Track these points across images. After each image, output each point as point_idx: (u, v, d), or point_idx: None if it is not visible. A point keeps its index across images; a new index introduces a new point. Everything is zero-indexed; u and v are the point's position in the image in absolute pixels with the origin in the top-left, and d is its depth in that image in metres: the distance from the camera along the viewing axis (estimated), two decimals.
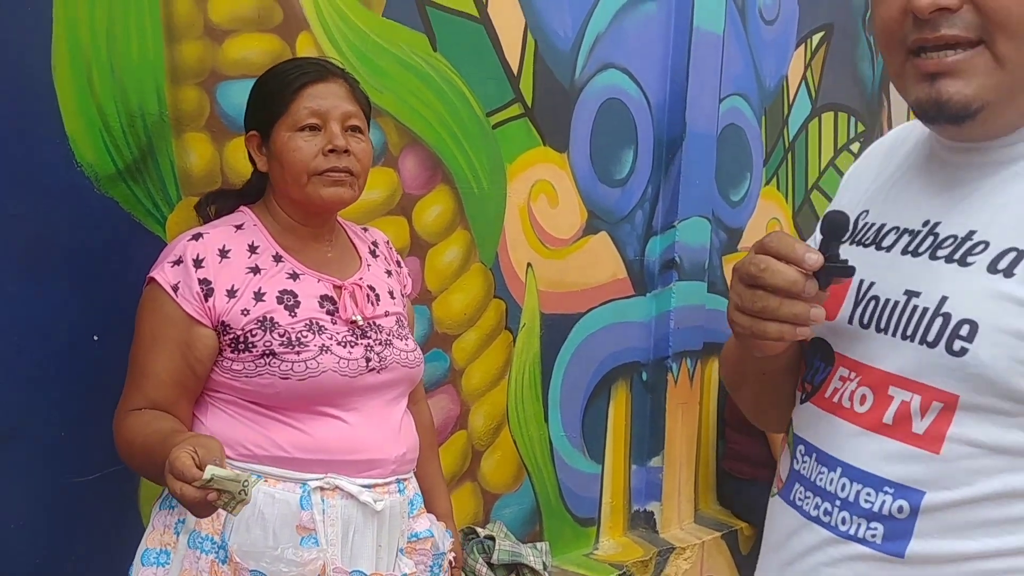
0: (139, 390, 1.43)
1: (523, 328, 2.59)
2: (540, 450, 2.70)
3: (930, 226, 0.94)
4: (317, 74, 1.50)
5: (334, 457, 1.44)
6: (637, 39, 2.86)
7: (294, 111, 1.47)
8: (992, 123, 0.89)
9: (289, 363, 1.42)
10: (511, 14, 2.45)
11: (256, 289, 1.45)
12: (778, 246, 0.89)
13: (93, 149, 1.65)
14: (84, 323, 1.65)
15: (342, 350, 1.46)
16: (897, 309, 0.92)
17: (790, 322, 0.89)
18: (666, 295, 3.02)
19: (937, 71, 0.86)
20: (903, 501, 0.89)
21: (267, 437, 1.43)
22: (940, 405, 0.87)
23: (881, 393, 0.92)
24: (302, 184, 1.48)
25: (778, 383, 1.08)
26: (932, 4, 0.84)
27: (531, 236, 2.59)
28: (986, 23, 0.84)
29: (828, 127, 3.86)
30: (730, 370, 1.17)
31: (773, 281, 0.88)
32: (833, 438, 0.96)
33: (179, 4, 1.76)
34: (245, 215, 1.54)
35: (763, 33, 3.41)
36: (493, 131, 2.44)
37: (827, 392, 0.98)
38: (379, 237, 1.73)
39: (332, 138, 1.47)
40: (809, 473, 0.98)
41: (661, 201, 3.02)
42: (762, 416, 1.19)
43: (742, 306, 0.91)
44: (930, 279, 0.90)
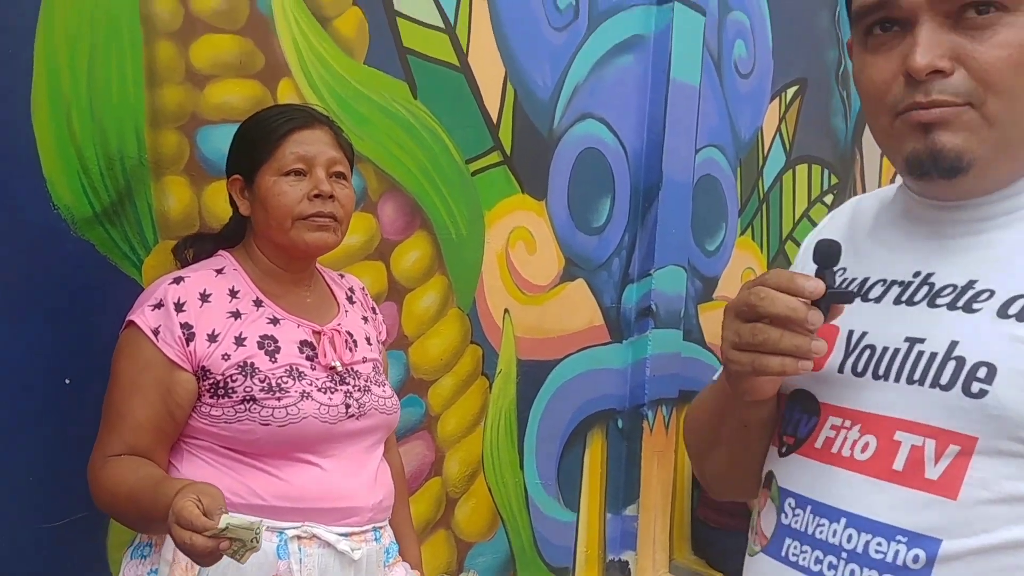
0: (117, 435, 1.41)
1: (499, 374, 2.59)
2: (515, 498, 2.69)
3: (922, 276, 0.94)
4: (303, 120, 1.52)
5: (312, 505, 1.43)
6: (615, 90, 2.90)
7: (280, 156, 1.48)
8: (982, 179, 0.90)
9: (270, 409, 1.41)
10: (491, 64, 2.49)
11: (237, 334, 1.44)
12: (776, 279, 0.89)
13: (71, 191, 1.64)
14: (57, 366, 1.63)
15: (323, 396, 1.46)
16: (899, 356, 0.91)
17: (792, 355, 0.88)
18: (642, 342, 3.03)
19: (931, 121, 0.87)
20: (919, 550, 0.85)
21: (244, 484, 1.41)
22: (957, 448, 0.85)
23: (886, 439, 0.89)
24: (286, 228, 1.48)
25: (756, 439, 1.06)
26: (929, 66, 0.85)
27: (509, 282, 2.60)
28: (977, 85, 0.86)
29: (802, 179, 3.92)
30: (704, 431, 1.13)
31: (774, 310, 0.87)
32: (833, 488, 0.92)
33: (161, 49, 1.77)
34: (225, 259, 1.54)
35: (738, 86, 3.47)
36: (472, 178, 2.46)
37: (817, 442, 0.96)
38: (355, 283, 1.73)
39: (318, 183, 1.48)
40: (804, 527, 0.94)
41: (638, 249, 3.05)
42: (731, 483, 1.15)
43: (740, 343, 0.90)
44: (933, 325, 0.90)
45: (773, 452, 1.03)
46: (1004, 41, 0.84)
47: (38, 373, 1.61)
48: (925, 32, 0.86)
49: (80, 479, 1.44)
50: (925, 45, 0.85)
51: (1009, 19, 0.85)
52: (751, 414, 1.02)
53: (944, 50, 0.86)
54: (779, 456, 1.01)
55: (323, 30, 2.07)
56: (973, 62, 0.85)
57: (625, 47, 2.93)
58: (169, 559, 1.37)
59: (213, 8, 1.85)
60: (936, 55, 0.85)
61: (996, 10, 0.85)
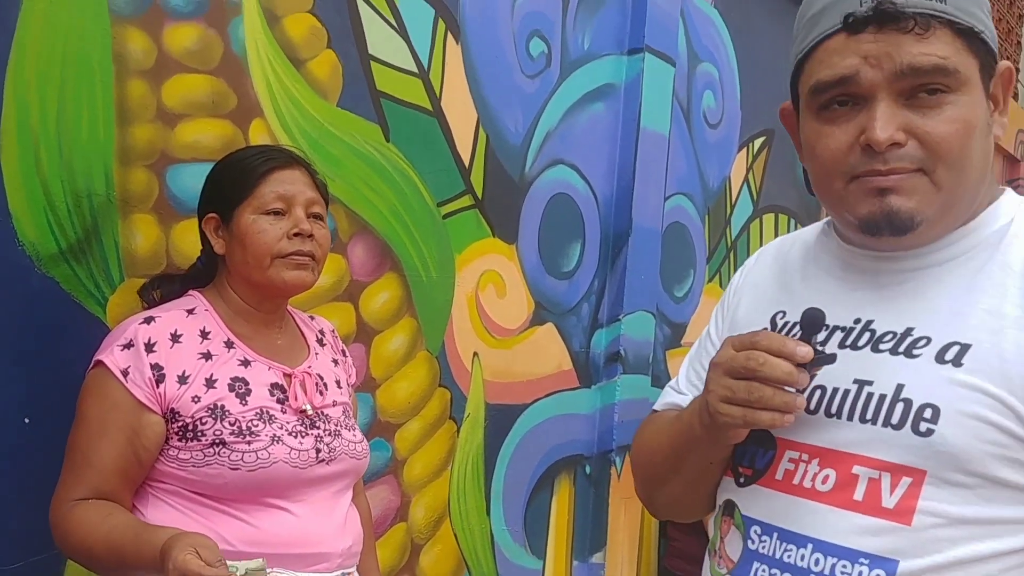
0: (81, 479, 1.38)
1: (467, 418, 2.57)
2: (481, 544, 2.66)
3: (863, 323, 1.04)
4: (283, 160, 1.53)
5: (281, 551, 1.41)
6: (586, 137, 2.93)
7: (260, 194, 1.49)
8: (926, 236, 1.01)
9: (240, 453, 1.39)
10: (464, 108, 2.51)
11: (208, 375, 1.42)
12: (769, 343, 0.98)
13: (36, 228, 1.62)
14: (15, 404, 1.60)
15: (293, 440, 1.44)
16: (849, 396, 1.01)
17: (780, 410, 0.98)
18: (611, 388, 3.03)
19: (887, 187, 0.97)
20: (880, 571, 0.95)
21: (212, 530, 1.38)
22: (909, 480, 0.95)
23: (844, 472, 0.99)
24: (264, 267, 1.48)
25: (717, 471, 1.14)
26: (889, 139, 0.95)
27: (478, 325, 2.60)
28: (928, 155, 0.96)
29: (769, 228, 3.97)
30: (662, 463, 1.19)
31: (773, 374, 0.97)
32: (798, 517, 1.02)
33: (133, 87, 1.77)
34: (196, 299, 1.52)
35: (707, 136, 3.53)
36: (443, 221, 2.46)
37: (778, 475, 1.05)
38: (325, 326, 1.73)
39: (298, 222, 1.49)
40: (772, 552, 1.03)
41: (607, 294, 3.06)
42: (683, 508, 1.23)
43: (733, 398, 0.99)
44: (879, 369, 1.00)
45: (729, 482, 1.12)
46: (951, 117, 0.96)
47: None
48: (883, 108, 0.96)
49: (37, 521, 1.41)
50: (884, 120, 0.96)
51: (953, 98, 0.96)
52: (718, 453, 1.11)
53: (899, 124, 0.96)
54: (738, 486, 1.10)
55: (296, 72, 2.08)
56: (926, 135, 0.96)
57: (596, 95, 2.97)
58: None
59: (186, 47, 1.85)
60: (893, 129, 0.96)
61: (943, 91, 0.96)
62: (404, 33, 2.33)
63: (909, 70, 0.95)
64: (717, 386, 1.01)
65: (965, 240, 1.02)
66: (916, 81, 0.96)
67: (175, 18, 1.84)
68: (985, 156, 1.01)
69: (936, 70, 0.95)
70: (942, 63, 0.95)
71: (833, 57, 0.99)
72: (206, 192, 1.58)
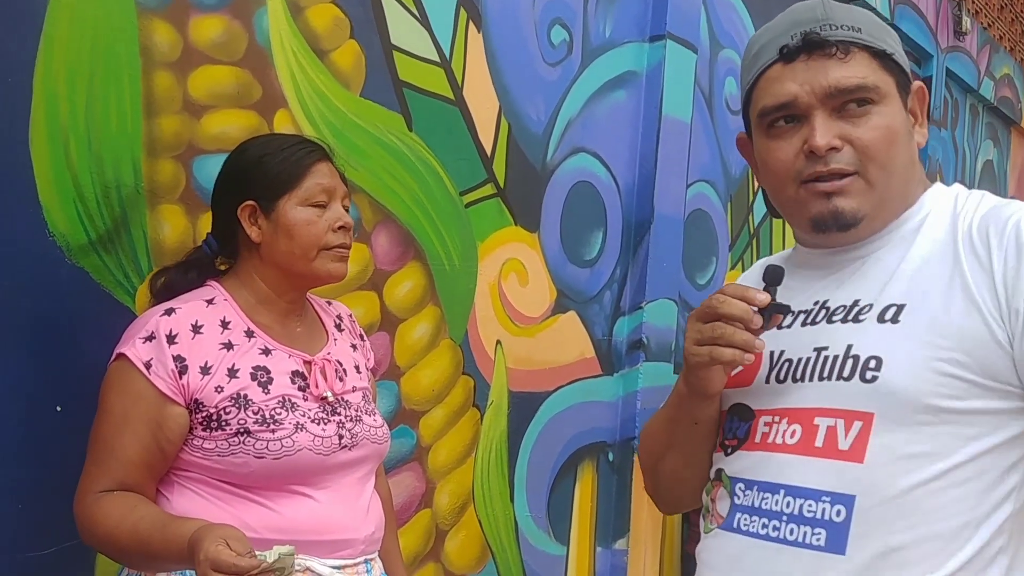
0: (105, 471, 1.39)
1: (491, 406, 2.59)
2: (505, 530, 2.67)
3: (820, 303, 1.21)
4: (321, 152, 1.56)
5: (305, 537, 1.41)
6: (607, 125, 2.93)
7: (307, 186, 1.51)
8: (866, 229, 1.17)
9: (264, 441, 1.40)
10: (486, 97, 2.51)
11: (230, 365, 1.43)
12: (732, 290, 1.15)
13: (66, 219, 1.65)
14: (47, 393, 1.63)
15: (316, 427, 1.45)
16: (810, 362, 1.16)
17: (740, 348, 1.11)
18: (633, 375, 3.04)
19: (832, 191, 1.15)
20: (840, 506, 1.08)
21: (237, 517, 1.39)
22: (860, 423, 1.09)
23: (807, 425, 1.13)
24: (311, 258, 1.50)
25: (704, 437, 1.27)
26: (827, 144, 1.13)
27: (501, 314, 2.61)
28: (860, 157, 1.13)
29: None
30: (659, 437, 1.33)
31: (730, 311, 1.12)
32: (771, 469, 1.15)
33: (159, 79, 1.79)
34: (215, 289, 1.53)
35: (729, 123, 3.51)
36: (466, 210, 2.47)
37: (756, 439, 1.19)
38: (343, 311, 1.73)
39: (341, 216, 1.53)
40: (752, 502, 1.16)
41: (629, 282, 3.06)
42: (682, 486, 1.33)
43: (700, 339, 1.14)
44: (832, 336, 1.15)
45: (719, 457, 1.25)
46: (876, 125, 1.14)
47: (29, 399, 1.61)
48: (819, 121, 1.14)
49: (69, 507, 1.43)
50: (822, 130, 1.13)
51: (877, 109, 1.14)
52: (702, 411, 1.24)
53: (835, 133, 1.13)
54: (726, 456, 1.23)
55: (320, 62, 2.09)
56: (857, 141, 1.13)
57: (618, 83, 2.97)
58: None
59: (212, 39, 1.87)
60: (831, 136, 1.13)
61: (868, 103, 1.14)
62: (426, 23, 2.34)
63: (835, 90, 1.13)
64: (690, 331, 1.17)
65: (900, 229, 1.18)
66: (843, 98, 1.13)
67: (200, 10, 1.85)
68: (909, 158, 1.18)
69: (858, 88, 1.13)
70: (862, 81, 1.13)
71: (774, 85, 1.18)
72: (238, 179, 1.55)
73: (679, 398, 1.26)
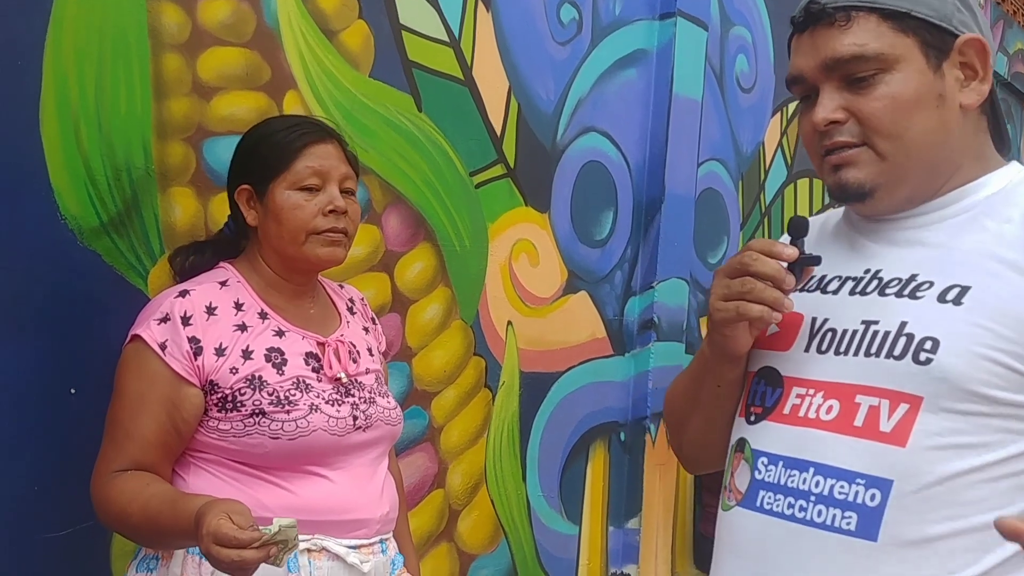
0: (122, 451, 1.40)
1: (502, 386, 2.59)
2: (517, 510, 2.68)
3: (872, 272, 1.14)
4: (318, 134, 1.52)
5: (321, 518, 1.42)
6: (618, 104, 2.91)
7: (296, 169, 1.48)
8: (889, 201, 1.12)
9: (279, 422, 1.40)
10: (495, 77, 2.50)
11: (244, 347, 1.44)
12: (760, 245, 1.11)
13: (78, 202, 1.65)
14: (62, 376, 1.64)
15: (331, 408, 1.46)
16: (857, 336, 1.10)
17: (770, 305, 1.08)
18: (645, 355, 3.04)
19: (838, 163, 1.12)
20: (875, 490, 1.02)
21: (253, 497, 1.39)
22: (907, 406, 1.03)
23: (847, 402, 1.07)
24: (299, 242, 1.48)
25: (728, 399, 1.23)
26: (824, 120, 1.10)
27: (512, 294, 2.61)
28: (864, 129, 1.10)
29: (803, 193, 3.93)
30: (684, 397, 1.30)
31: (764, 269, 1.09)
32: (802, 445, 1.09)
33: (168, 61, 1.78)
34: (228, 271, 1.54)
35: (740, 101, 3.49)
36: (476, 190, 2.47)
37: (785, 409, 1.13)
38: (355, 294, 1.73)
39: (333, 199, 1.49)
40: (777, 479, 1.10)
41: (640, 262, 3.05)
42: (706, 448, 1.29)
43: (728, 294, 1.11)
44: (884, 310, 1.09)
45: (741, 422, 1.20)
46: (879, 95, 1.08)
47: (43, 382, 1.62)
48: (823, 95, 1.11)
49: (85, 488, 1.44)
50: (821, 105, 1.11)
51: (885, 78, 1.08)
52: (725, 373, 1.20)
53: (837, 106, 1.10)
54: (748, 424, 1.18)
55: (329, 43, 2.08)
56: (859, 112, 1.09)
57: (628, 61, 2.95)
58: (177, 572, 1.37)
59: (220, 21, 1.86)
60: (829, 111, 1.10)
61: (874, 72, 1.08)
62: (435, 2, 2.32)
63: (832, 62, 1.10)
64: (716, 287, 1.14)
65: (963, 201, 1.12)
66: (844, 70, 1.09)
67: None
68: (936, 124, 1.09)
69: (855, 58, 1.08)
70: (860, 51, 1.08)
71: (792, 58, 1.16)
72: (239, 162, 1.58)
73: (703, 359, 1.23)
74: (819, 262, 1.13)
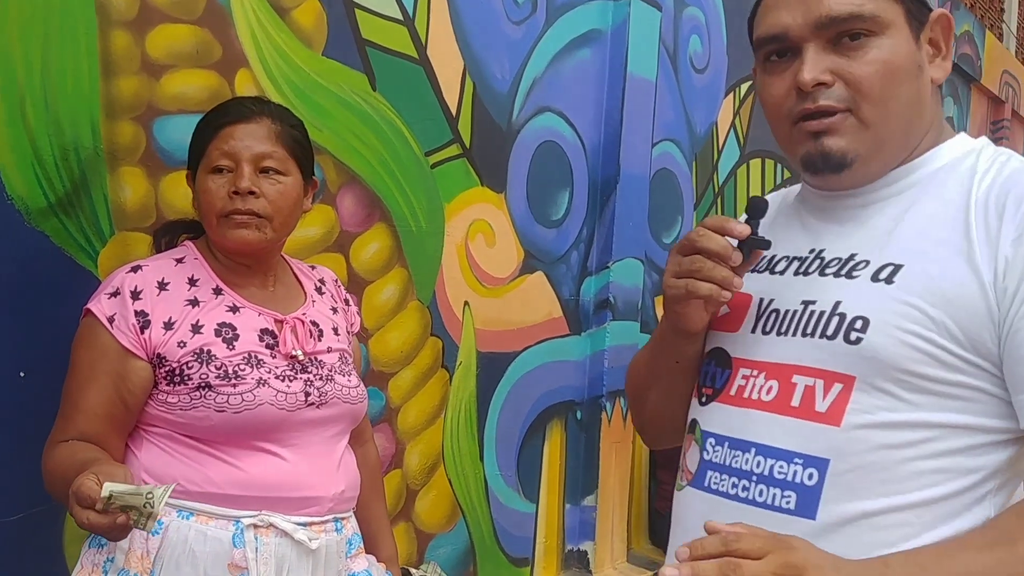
0: (70, 422, 1.41)
1: (459, 366, 2.60)
2: (475, 489, 2.70)
3: (816, 252, 1.15)
4: (237, 115, 1.49)
5: (269, 494, 1.42)
6: (573, 84, 2.92)
7: (209, 152, 1.47)
8: (862, 172, 1.11)
9: (225, 396, 1.40)
10: (450, 56, 2.49)
11: (194, 322, 1.44)
12: (713, 222, 1.11)
13: (24, 182, 1.62)
14: (10, 359, 1.61)
15: (280, 383, 1.45)
16: (796, 316, 1.11)
17: (718, 284, 1.09)
18: (600, 335, 3.06)
19: (820, 130, 1.08)
20: (812, 469, 1.04)
21: (200, 472, 1.41)
22: (840, 386, 1.04)
23: (785, 382, 1.09)
24: (213, 226, 1.48)
25: (685, 375, 1.23)
26: (813, 80, 1.06)
27: (468, 275, 2.61)
28: (853, 94, 1.07)
29: (756, 173, 3.97)
30: (644, 370, 1.31)
31: (709, 245, 1.08)
32: (745, 425, 1.11)
33: (116, 39, 1.75)
34: (187, 249, 1.54)
35: (694, 81, 3.51)
36: (431, 171, 2.46)
37: (732, 390, 1.15)
38: (327, 275, 1.73)
39: (236, 180, 1.45)
40: (722, 460, 1.12)
41: (596, 242, 3.07)
42: (665, 422, 1.30)
43: (679, 271, 1.11)
44: (822, 290, 1.10)
45: (695, 403, 1.21)
46: (872, 59, 1.06)
47: None
48: (810, 55, 1.07)
49: (35, 473, 1.42)
50: (810, 64, 1.07)
51: (876, 42, 1.06)
52: (683, 349, 1.21)
53: (825, 67, 1.07)
54: (700, 405, 1.19)
55: (281, 21, 2.06)
56: (849, 76, 1.06)
57: (583, 41, 2.95)
58: (125, 548, 1.37)
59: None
60: (819, 71, 1.06)
61: (865, 36, 1.06)
62: None
63: (828, 19, 1.06)
64: (670, 264, 1.14)
65: (908, 177, 1.11)
66: (837, 28, 1.06)
67: None
68: (915, 96, 1.09)
69: (852, 17, 1.05)
70: (857, 10, 1.05)
71: (769, 12, 1.11)
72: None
73: (661, 335, 1.23)
74: (768, 246, 1.13)
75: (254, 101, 1.55)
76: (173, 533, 1.38)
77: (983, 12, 7.35)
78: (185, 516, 1.39)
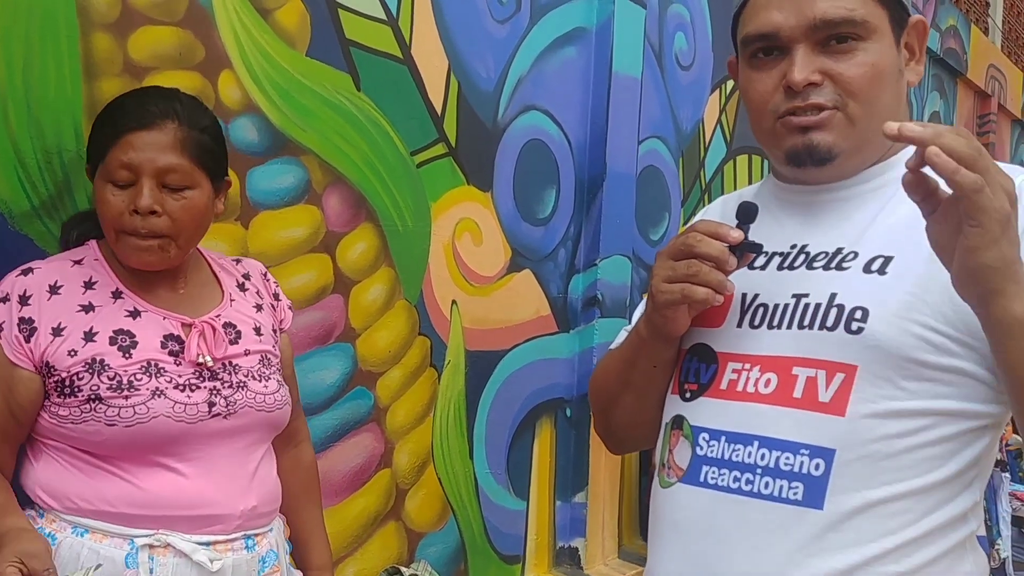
0: None
1: (448, 365, 2.60)
2: (465, 487, 2.70)
3: (799, 247, 1.17)
4: (140, 121, 1.36)
5: (167, 512, 1.34)
6: (558, 82, 2.92)
7: (109, 161, 1.36)
8: (845, 167, 1.14)
9: (116, 408, 1.32)
10: (434, 55, 2.49)
11: (87, 328, 1.35)
12: (706, 227, 1.11)
13: (8, 185, 1.62)
14: None
15: (179, 394, 1.36)
16: (789, 309, 1.13)
17: (713, 288, 1.09)
18: (589, 332, 3.07)
19: (808, 125, 1.11)
20: (819, 460, 1.05)
21: (94, 489, 1.33)
22: (843, 376, 1.06)
23: (784, 374, 1.10)
24: (113, 240, 1.39)
25: (661, 380, 1.24)
26: (805, 80, 1.10)
27: (456, 274, 2.61)
28: (841, 93, 1.10)
29: (743, 169, 3.98)
30: (614, 380, 1.30)
31: (709, 251, 1.09)
32: (744, 419, 1.11)
33: (99, 41, 1.75)
34: (89, 249, 1.45)
35: (679, 78, 3.52)
36: (417, 170, 2.46)
37: (722, 385, 1.15)
38: (253, 268, 1.62)
39: (136, 197, 1.34)
40: (720, 454, 1.12)
41: (583, 239, 3.08)
42: (636, 428, 1.30)
43: (673, 276, 1.11)
44: (814, 283, 1.12)
45: (675, 400, 1.21)
46: (861, 62, 1.10)
47: None
48: (800, 55, 1.11)
49: None
50: (801, 65, 1.10)
51: (864, 46, 1.10)
52: (661, 352, 1.21)
53: (815, 68, 1.10)
54: (684, 401, 1.19)
55: (264, 22, 2.06)
56: (839, 76, 1.10)
57: (567, 39, 2.96)
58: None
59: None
60: (809, 72, 1.10)
61: (854, 40, 1.10)
62: None
63: (821, 23, 1.09)
64: (660, 268, 1.14)
65: (885, 174, 1.15)
66: (828, 31, 1.09)
67: None
68: (896, 97, 1.14)
69: (845, 21, 1.09)
70: (850, 15, 1.09)
71: (760, 12, 1.13)
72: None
73: (639, 340, 1.22)
74: (760, 250, 1.14)
75: (160, 99, 1.41)
76: (65, 550, 1.31)
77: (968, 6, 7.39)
78: (80, 533, 1.33)
